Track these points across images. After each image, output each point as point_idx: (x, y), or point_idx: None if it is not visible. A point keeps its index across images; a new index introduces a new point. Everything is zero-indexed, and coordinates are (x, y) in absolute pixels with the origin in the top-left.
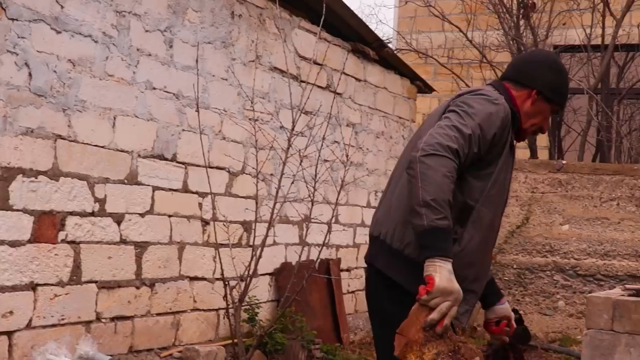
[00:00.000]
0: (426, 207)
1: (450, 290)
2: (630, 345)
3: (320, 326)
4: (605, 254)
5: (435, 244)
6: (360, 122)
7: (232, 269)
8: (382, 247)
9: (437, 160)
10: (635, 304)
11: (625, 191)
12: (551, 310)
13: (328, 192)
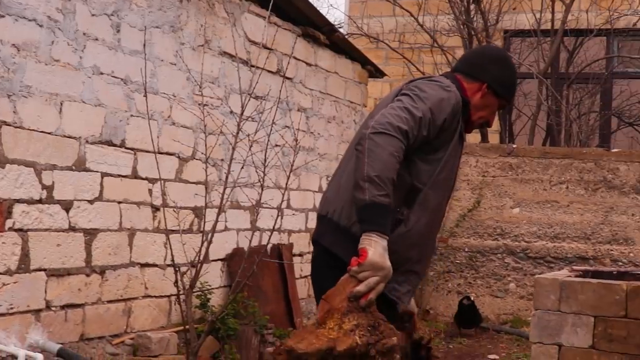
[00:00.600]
0: (369, 182)
1: (381, 266)
2: (576, 325)
3: (273, 311)
4: (555, 237)
5: (374, 219)
6: (312, 107)
7: (183, 255)
8: (330, 225)
9: (385, 138)
10: (582, 285)
11: (575, 174)
12: (502, 292)
13: (279, 177)
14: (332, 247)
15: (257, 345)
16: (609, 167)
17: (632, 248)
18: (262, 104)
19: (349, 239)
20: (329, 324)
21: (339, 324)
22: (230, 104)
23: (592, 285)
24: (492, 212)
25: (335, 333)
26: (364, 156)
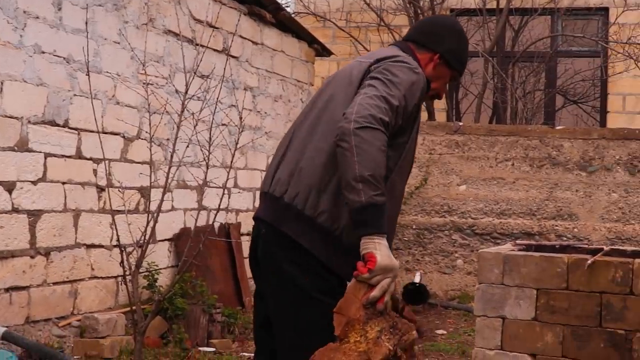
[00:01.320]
0: (363, 183)
1: (391, 267)
2: (519, 297)
3: (221, 290)
4: (501, 213)
5: (373, 221)
6: (258, 86)
7: (129, 235)
8: (290, 211)
9: (371, 133)
10: (524, 258)
11: (520, 151)
12: (450, 268)
13: (226, 156)
14: (295, 236)
15: (205, 324)
16: (553, 144)
17: (577, 223)
18: (208, 82)
19: (314, 230)
20: (352, 337)
21: (364, 334)
22: (176, 83)
23: (534, 258)
24: (439, 189)
25: (364, 345)
26: (352, 154)
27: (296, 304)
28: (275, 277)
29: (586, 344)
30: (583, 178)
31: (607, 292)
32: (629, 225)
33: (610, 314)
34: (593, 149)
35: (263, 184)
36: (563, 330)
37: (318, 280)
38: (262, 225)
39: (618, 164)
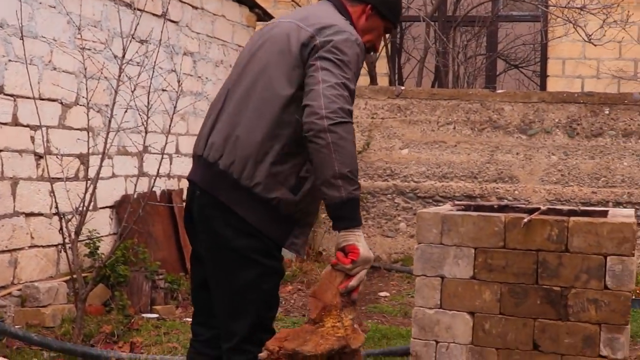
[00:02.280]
0: (342, 179)
1: (370, 260)
2: (458, 257)
3: (164, 257)
4: (443, 176)
5: (353, 215)
6: (199, 51)
7: (69, 203)
8: (226, 179)
9: (345, 128)
10: (462, 218)
11: (461, 115)
12: (393, 232)
13: (167, 122)
14: (232, 205)
15: (148, 291)
16: (494, 108)
17: (517, 186)
18: (146, 47)
19: (250, 199)
20: (328, 322)
21: (340, 321)
22: (113, 48)
23: (472, 218)
24: (382, 153)
25: (342, 330)
26: (330, 152)
27: (232, 265)
28: (211, 239)
29: (523, 301)
30: (523, 141)
31: (543, 250)
32: (568, 187)
33: (546, 271)
34: (533, 112)
35: (196, 146)
36: (501, 288)
37: (253, 241)
38: (196, 189)
39: (557, 127)
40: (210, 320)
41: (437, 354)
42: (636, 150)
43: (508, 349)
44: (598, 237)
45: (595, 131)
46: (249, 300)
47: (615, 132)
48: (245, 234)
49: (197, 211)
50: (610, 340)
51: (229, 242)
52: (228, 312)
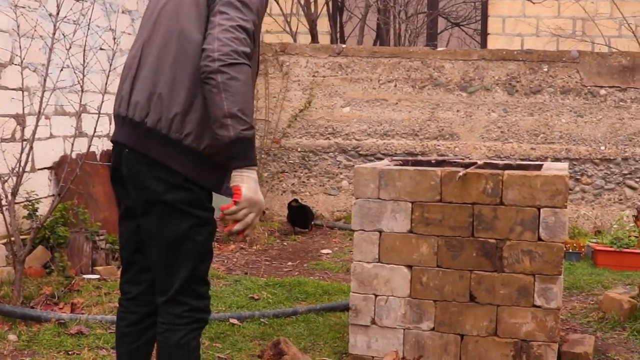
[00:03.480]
0: (232, 119)
1: (256, 201)
2: (395, 211)
3: (105, 218)
4: (385, 134)
5: (242, 154)
6: (137, 9)
7: (5, 164)
8: (155, 136)
9: (237, 69)
10: (399, 172)
11: (402, 73)
12: (335, 190)
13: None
14: (163, 160)
15: (89, 252)
16: (435, 65)
17: (458, 143)
18: (82, 4)
19: (182, 152)
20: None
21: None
22: (48, 6)
23: (409, 172)
24: (323, 111)
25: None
26: (219, 92)
27: (165, 219)
28: (142, 195)
29: (459, 254)
30: (464, 98)
31: (479, 203)
32: (508, 143)
33: (482, 224)
34: (473, 70)
35: (118, 107)
36: (437, 241)
37: (184, 193)
38: (124, 148)
39: (497, 84)
40: (138, 276)
41: (376, 308)
42: (574, 107)
43: (445, 301)
44: (532, 190)
45: (534, 88)
46: (183, 252)
47: (554, 89)
48: (176, 187)
49: (127, 169)
50: (544, 291)
51: (160, 196)
52: (163, 266)
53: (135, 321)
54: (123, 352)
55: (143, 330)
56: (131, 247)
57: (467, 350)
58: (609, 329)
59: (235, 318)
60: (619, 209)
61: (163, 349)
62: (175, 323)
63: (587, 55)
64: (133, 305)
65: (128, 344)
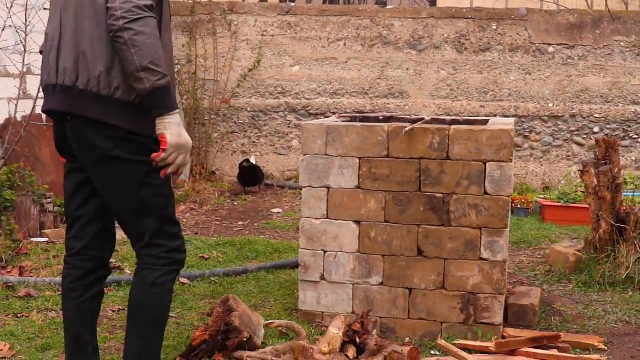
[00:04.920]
0: (145, 72)
1: (182, 143)
2: (343, 167)
3: (53, 180)
4: (335, 93)
5: (160, 102)
6: None
7: None
8: (87, 96)
9: (141, 23)
10: (346, 129)
11: (352, 31)
12: (286, 149)
13: None
14: (101, 117)
15: (37, 215)
16: (384, 24)
17: (407, 101)
18: None
19: (114, 106)
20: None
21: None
22: None
23: (356, 128)
24: (273, 71)
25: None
26: (128, 48)
27: (120, 173)
28: (92, 155)
29: (407, 209)
30: (413, 57)
31: (426, 158)
32: (457, 101)
33: (429, 179)
34: (422, 27)
35: (47, 77)
36: (385, 196)
37: (130, 145)
38: (63, 115)
39: (446, 42)
40: (82, 231)
41: (325, 264)
42: (522, 65)
43: (393, 255)
44: (478, 145)
45: (483, 46)
46: (146, 199)
47: (503, 47)
48: (122, 140)
49: (72, 134)
50: (490, 244)
51: (110, 152)
52: (131, 216)
53: (80, 276)
54: (69, 307)
55: (88, 285)
56: (76, 202)
57: (416, 304)
58: (555, 281)
59: (185, 278)
60: (566, 165)
61: (138, 287)
62: (153, 264)
63: (535, 13)
64: (78, 261)
65: (74, 300)
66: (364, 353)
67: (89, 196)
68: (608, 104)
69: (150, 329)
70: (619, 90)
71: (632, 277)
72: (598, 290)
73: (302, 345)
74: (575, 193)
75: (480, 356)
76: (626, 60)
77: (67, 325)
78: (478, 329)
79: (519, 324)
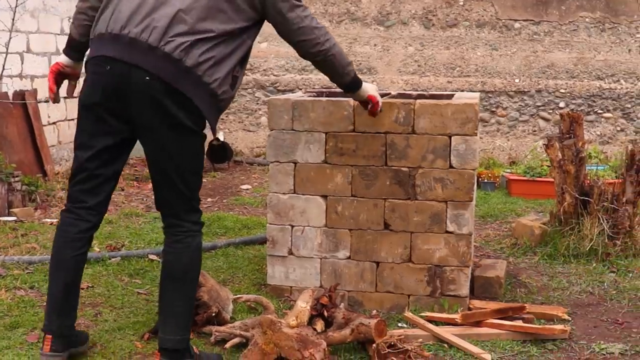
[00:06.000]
0: (349, 66)
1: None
2: (309, 142)
3: (20, 159)
4: (303, 69)
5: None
6: None
7: None
8: (181, 70)
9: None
10: (312, 103)
11: (319, 7)
12: (255, 126)
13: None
14: (193, 97)
15: (4, 194)
16: (351, 0)
17: (375, 77)
18: None
19: (207, 93)
20: None
21: None
22: None
23: (321, 103)
24: None
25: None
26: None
27: (185, 139)
28: (162, 120)
29: (373, 183)
30: (381, 32)
31: (391, 132)
32: (425, 77)
33: (395, 153)
34: (390, 3)
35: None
36: (351, 170)
37: (195, 117)
38: (143, 73)
39: (414, 18)
40: (100, 188)
41: (292, 238)
42: (489, 41)
43: (360, 229)
44: (443, 118)
45: (450, 22)
46: (194, 165)
47: (469, 23)
48: (196, 116)
49: (141, 94)
50: (456, 217)
51: (183, 121)
52: (181, 180)
53: (86, 229)
54: (70, 256)
55: (89, 239)
56: (99, 162)
57: (383, 277)
58: (521, 254)
59: (154, 254)
60: (533, 140)
61: (183, 253)
62: (193, 230)
63: None
64: (88, 214)
65: (77, 249)
66: (331, 326)
67: (113, 159)
68: (573, 79)
69: (193, 291)
70: (584, 66)
71: (596, 249)
72: (562, 262)
73: (270, 319)
74: (541, 167)
75: (446, 328)
76: (591, 36)
77: (63, 272)
78: (444, 301)
79: (484, 296)
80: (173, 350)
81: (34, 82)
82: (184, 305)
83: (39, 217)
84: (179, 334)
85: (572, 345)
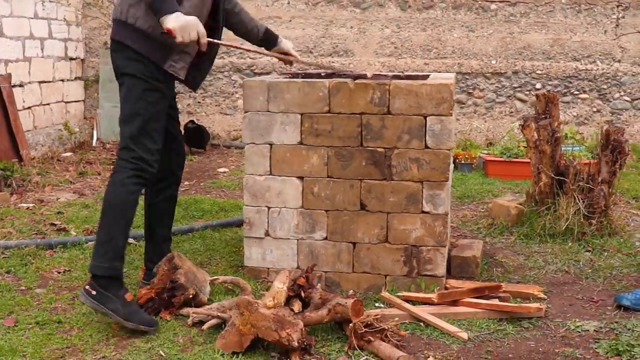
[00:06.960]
0: None
1: (182, 24)
2: (285, 123)
3: None
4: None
5: (158, 7)
6: None
7: None
8: (119, 24)
9: None
10: (288, 84)
11: None
12: (232, 109)
13: None
14: (125, 41)
15: None
16: None
17: (352, 59)
18: None
19: (132, 31)
20: None
21: None
22: None
23: (297, 84)
24: None
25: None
26: None
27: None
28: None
29: (349, 164)
30: (357, 15)
31: (367, 113)
32: (401, 59)
33: (370, 134)
34: None
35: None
36: (327, 151)
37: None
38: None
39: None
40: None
41: (269, 220)
42: (465, 22)
43: (337, 210)
44: (418, 99)
45: (427, 4)
46: (136, 109)
47: (446, 4)
48: (133, 60)
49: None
50: (432, 197)
51: (123, 70)
52: (122, 120)
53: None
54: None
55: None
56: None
57: (360, 258)
58: (498, 234)
59: (131, 237)
60: (509, 121)
61: (108, 186)
62: (123, 166)
63: None
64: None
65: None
66: (308, 307)
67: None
68: (549, 60)
69: (116, 228)
70: (560, 47)
71: (571, 229)
72: (538, 241)
73: (247, 300)
74: (518, 148)
75: (423, 307)
76: (567, 17)
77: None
78: (421, 281)
79: (461, 276)
80: (92, 275)
81: (8, 66)
82: (103, 235)
83: (14, 202)
84: (96, 260)
85: (547, 323)
